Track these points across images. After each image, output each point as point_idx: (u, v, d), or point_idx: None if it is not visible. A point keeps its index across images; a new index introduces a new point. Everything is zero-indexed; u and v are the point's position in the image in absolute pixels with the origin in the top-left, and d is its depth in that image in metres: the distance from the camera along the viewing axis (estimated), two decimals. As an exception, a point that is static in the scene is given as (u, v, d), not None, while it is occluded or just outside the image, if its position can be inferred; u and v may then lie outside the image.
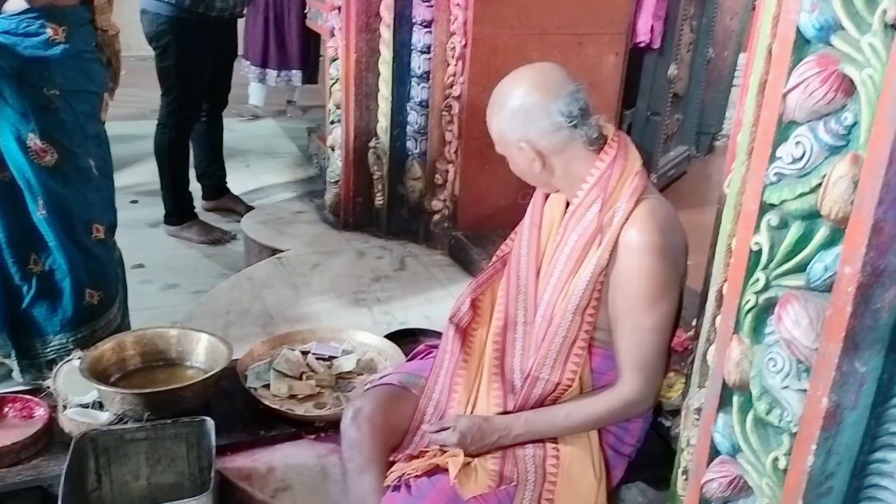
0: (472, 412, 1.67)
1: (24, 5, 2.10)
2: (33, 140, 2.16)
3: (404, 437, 1.70)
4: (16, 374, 2.40)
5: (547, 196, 1.71)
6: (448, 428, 1.60)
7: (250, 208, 3.92)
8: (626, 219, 1.52)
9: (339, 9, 3.14)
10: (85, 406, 1.90)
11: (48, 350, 2.35)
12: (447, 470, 1.54)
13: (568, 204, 1.65)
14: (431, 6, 2.92)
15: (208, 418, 1.77)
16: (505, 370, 1.67)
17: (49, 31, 2.12)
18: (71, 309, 2.35)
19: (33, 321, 2.34)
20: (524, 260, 1.68)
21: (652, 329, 1.55)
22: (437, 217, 3.18)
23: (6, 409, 1.91)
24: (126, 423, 1.83)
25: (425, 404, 1.72)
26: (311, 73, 5.56)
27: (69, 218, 2.28)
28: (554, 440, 1.61)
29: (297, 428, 1.98)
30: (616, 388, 1.59)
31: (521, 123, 1.55)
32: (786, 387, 1.12)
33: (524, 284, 1.67)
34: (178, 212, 3.80)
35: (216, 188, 4.12)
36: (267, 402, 1.99)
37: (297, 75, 5.52)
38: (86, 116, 2.25)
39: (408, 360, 1.98)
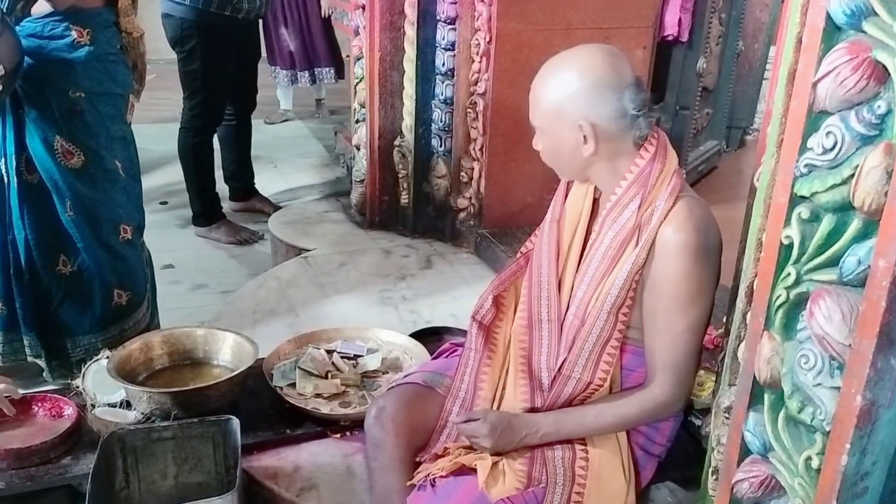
0: (497, 409, 1.65)
1: (49, 8, 2.12)
2: (60, 142, 2.19)
3: (429, 436, 1.68)
4: (45, 373, 2.43)
5: (567, 192, 1.69)
6: (477, 419, 1.56)
7: (278, 209, 3.92)
8: (665, 217, 1.49)
9: (364, 7, 3.14)
10: (113, 405, 1.91)
11: (78, 350, 2.38)
12: (473, 470, 1.53)
13: (595, 200, 1.63)
14: (455, 3, 2.90)
15: (234, 417, 1.77)
16: (532, 367, 1.64)
17: (74, 34, 2.15)
18: (100, 309, 2.38)
19: (63, 322, 2.37)
20: (545, 256, 1.66)
21: (685, 330, 1.52)
22: (462, 215, 3.16)
23: (36, 409, 1.93)
24: (153, 422, 1.84)
25: (451, 403, 1.70)
26: (342, 67, 5.53)
27: (96, 219, 2.30)
28: (582, 441, 1.59)
29: (323, 427, 1.97)
30: (647, 390, 1.56)
31: (588, 101, 1.48)
32: (818, 384, 1.09)
33: (545, 281, 1.65)
34: (206, 213, 3.83)
35: (244, 189, 4.14)
36: (293, 401, 1.99)
37: (328, 72, 5.51)
38: (111, 118, 2.27)
39: (433, 359, 1.96)
